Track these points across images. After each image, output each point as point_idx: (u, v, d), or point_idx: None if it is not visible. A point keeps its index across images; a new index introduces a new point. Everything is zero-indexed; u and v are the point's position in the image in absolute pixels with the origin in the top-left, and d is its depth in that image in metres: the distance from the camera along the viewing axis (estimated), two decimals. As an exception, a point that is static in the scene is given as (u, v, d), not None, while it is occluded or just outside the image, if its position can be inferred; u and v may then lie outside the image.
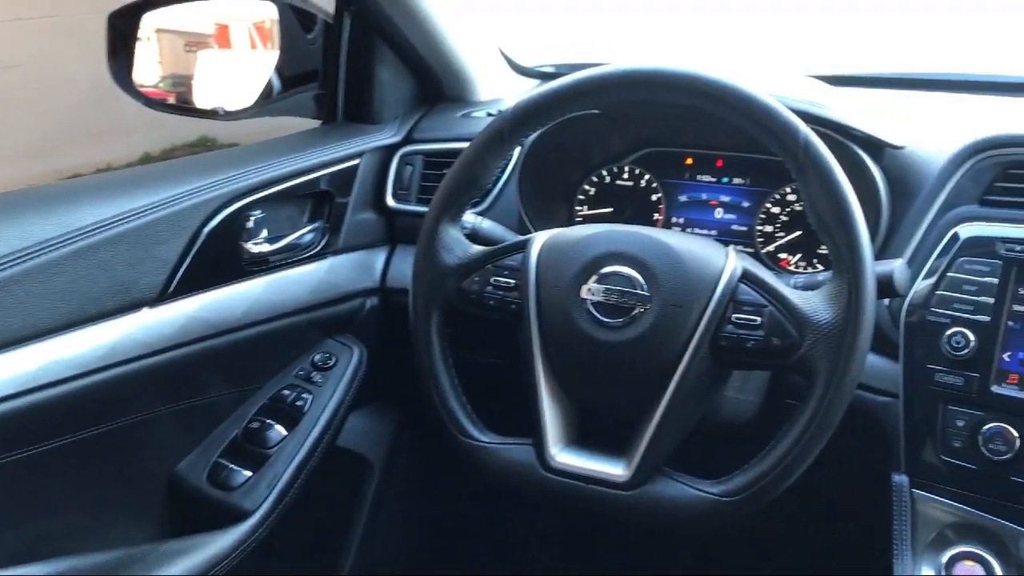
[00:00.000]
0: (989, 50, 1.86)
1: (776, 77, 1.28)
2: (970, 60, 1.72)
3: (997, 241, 1.11)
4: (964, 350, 1.09)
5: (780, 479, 0.94)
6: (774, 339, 0.96)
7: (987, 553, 1.10)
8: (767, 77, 1.19)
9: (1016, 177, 1.14)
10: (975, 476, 1.11)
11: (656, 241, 1.03)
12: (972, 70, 1.60)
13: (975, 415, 1.10)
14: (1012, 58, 1.74)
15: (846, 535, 1.39)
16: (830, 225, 0.95)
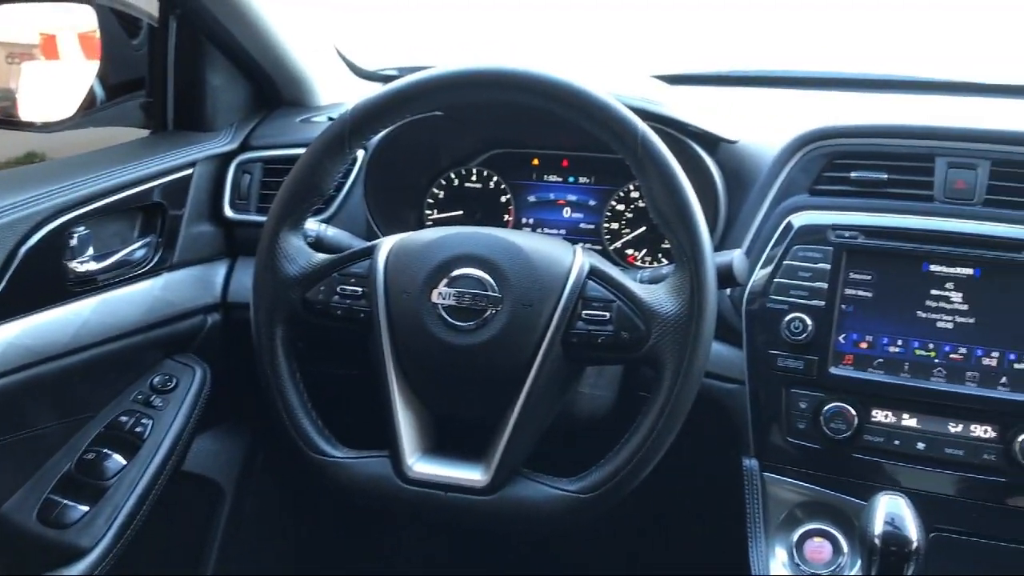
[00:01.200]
0: (820, 47, 1.96)
1: (615, 76, 1.29)
2: (802, 57, 1.81)
3: (828, 228, 1.16)
4: (802, 334, 1.14)
5: (636, 471, 0.95)
6: (623, 333, 0.96)
7: (834, 529, 1.15)
8: (606, 76, 1.20)
9: (843, 167, 1.20)
10: (819, 455, 1.15)
11: (505, 242, 1.02)
12: (803, 67, 1.68)
13: (816, 396, 1.14)
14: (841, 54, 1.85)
15: (702, 521, 1.43)
16: (670, 219, 0.96)
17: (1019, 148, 1.14)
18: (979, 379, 1.09)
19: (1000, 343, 1.09)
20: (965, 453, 1.09)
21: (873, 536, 0.95)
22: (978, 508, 1.11)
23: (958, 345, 1.10)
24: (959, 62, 1.64)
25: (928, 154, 1.17)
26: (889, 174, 1.17)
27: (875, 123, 1.21)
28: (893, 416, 1.12)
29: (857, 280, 1.14)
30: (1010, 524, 1.11)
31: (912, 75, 1.55)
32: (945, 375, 1.10)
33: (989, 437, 1.09)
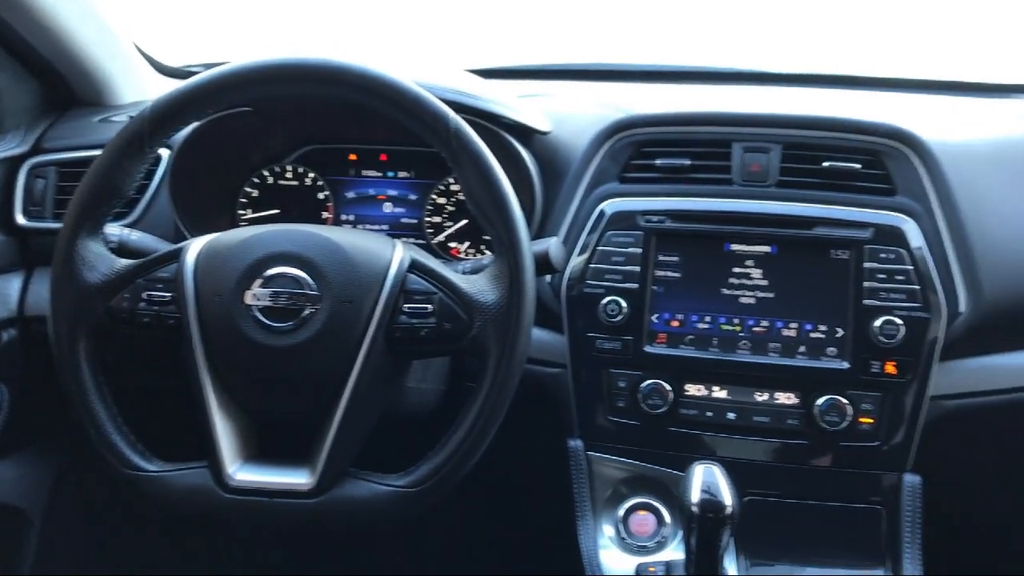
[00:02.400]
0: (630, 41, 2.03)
1: (428, 69, 1.29)
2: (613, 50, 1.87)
3: (637, 214, 1.20)
4: (618, 316, 1.18)
5: (464, 460, 0.96)
6: (446, 324, 0.96)
7: (656, 501, 1.20)
8: (419, 69, 1.20)
9: (649, 154, 1.25)
10: (639, 431, 1.20)
11: (321, 238, 1.00)
12: (614, 60, 1.74)
13: (634, 375, 1.19)
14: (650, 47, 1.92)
15: (534, 504, 1.46)
16: (487, 210, 0.97)
17: (807, 132, 1.23)
18: (781, 349, 1.17)
19: (798, 315, 1.17)
20: (771, 420, 1.17)
21: (690, 504, 1.00)
22: (786, 471, 1.19)
23: (760, 319, 1.17)
24: (755, 54, 1.75)
25: (725, 140, 1.23)
26: (691, 160, 1.23)
27: (675, 111, 1.27)
28: (705, 389, 1.18)
29: (666, 262, 1.20)
30: (814, 483, 1.20)
31: (712, 66, 1.64)
32: (750, 347, 1.17)
33: (792, 403, 1.17)
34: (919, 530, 1.15)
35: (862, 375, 1.14)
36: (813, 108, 1.27)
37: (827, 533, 1.19)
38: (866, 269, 1.15)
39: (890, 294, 1.14)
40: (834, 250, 1.16)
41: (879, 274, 1.14)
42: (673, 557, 1.14)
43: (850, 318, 1.15)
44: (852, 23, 1.96)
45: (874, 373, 1.14)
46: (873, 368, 1.14)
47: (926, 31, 1.93)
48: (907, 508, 1.16)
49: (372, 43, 2.12)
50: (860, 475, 1.18)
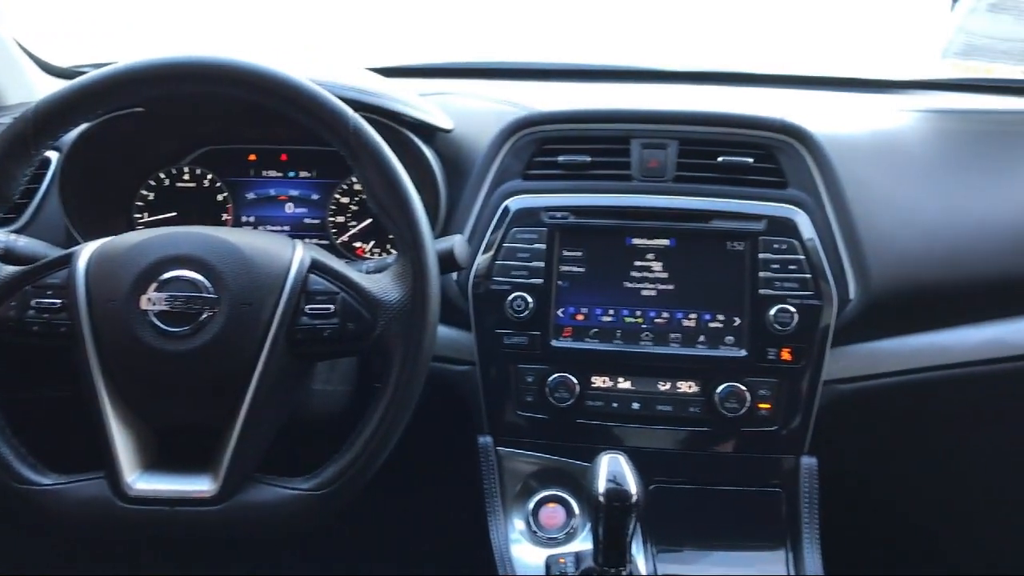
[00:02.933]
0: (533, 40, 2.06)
1: (327, 67, 1.28)
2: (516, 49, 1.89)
3: (541, 211, 1.22)
4: (525, 312, 1.19)
5: (371, 461, 0.95)
6: (349, 324, 0.96)
7: (566, 493, 1.22)
8: (316, 67, 1.19)
9: (551, 151, 1.26)
10: (547, 425, 1.21)
11: (218, 240, 0.98)
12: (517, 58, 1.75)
13: (541, 369, 1.20)
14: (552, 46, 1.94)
15: (445, 502, 1.46)
16: (389, 208, 0.97)
17: (702, 128, 1.26)
18: (681, 340, 1.20)
19: (696, 305, 1.20)
20: (674, 408, 1.20)
21: (597, 494, 1.01)
22: (690, 457, 1.22)
23: (661, 310, 1.20)
24: (652, 52, 1.79)
25: (624, 136, 1.26)
26: (592, 156, 1.25)
27: (576, 109, 1.29)
28: (610, 381, 1.21)
29: (570, 257, 1.21)
30: (717, 469, 1.23)
31: (612, 64, 1.67)
32: (652, 338, 1.20)
33: (693, 392, 1.20)
34: (816, 510, 1.19)
35: (759, 362, 1.18)
36: (708, 105, 1.31)
37: (730, 517, 1.22)
38: (761, 260, 1.19)
39: (784, 283, 1.18)
40: (730, 242, 1.20)
41: (773, 264, 1.18)
42: (582, 548, 1.16)
43: (747, 307, 1.18)
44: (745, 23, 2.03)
45: (770, 360, 1.18)
46: (769, 355, 1.18)
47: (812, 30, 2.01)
48: (805, 489, 1.20)
49: (271, 43, 2.09)
50: (760, 459, 1.22)
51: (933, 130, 1.43)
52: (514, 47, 1.95)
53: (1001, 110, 1.55)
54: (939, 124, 1.44)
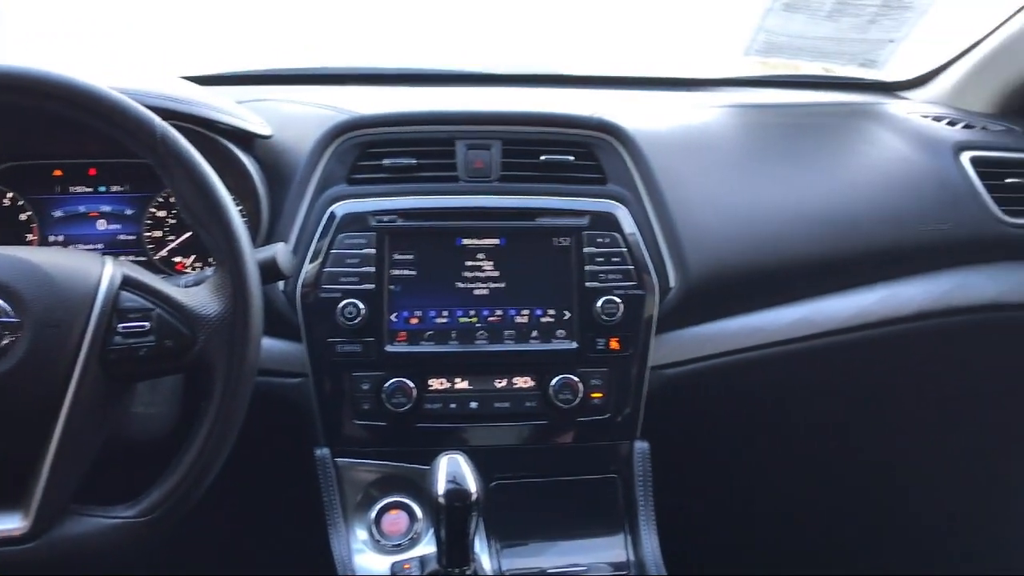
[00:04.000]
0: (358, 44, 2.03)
1: (134, 76, 1.22)
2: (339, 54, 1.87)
3: (368, 215, 1.21)
4: (357, 319, 1.17)
5: (197, 483, 0.91)
6: (167, 341, 0.91)
7: (407, 499, 1.21)
8: (121, 75, 1.13)
9: (375, 155, 1.25)
10: (386, 431, 1.20)
11: (17, 260, 0.92)
12: (339, 63, 1.73)
13: (377, 376, 1.19)
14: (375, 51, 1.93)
15: (287, 517, 1.42)
16: (202, 218, 0.93)
17: (524, 128, 1.28)
18: (515, 336, 1.21)
19: (528, 302, 1.22)
20: (511, 405, 1.21)
21: (437, 496, 1.01)
22: (530, 451, 1.24)
23: (495, 308, 1.21)
24: (471, 56, 1.80)
25: (449, 138, 1.26)
26: (417, 159, 1.25)
27: (399, 112, 1.28)
28: (447, 382, 1.21)
29: (401, 261, 1.21)
30: (557, 460, 1.26)
31: (433, 68, 1.67)
32: (487, 337, 1.21)
33: (529, 387, 1.22)
34: (651, 493, 1.24)
35: (590, 353, 1.21)
36: (529, 105, 1.34)
37: (571, 506, 1.25)
38: (586, 254, 1.22)
39: (608, 275, 1.22)
40: (556, 238, 1.23)
41: (597, 258, 1.22)
42: (426, 552, 1.15)
43: (575, 301, 1.21)
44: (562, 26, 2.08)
45: (600, 350, 1.21)
46: (599, 345, 1.21)
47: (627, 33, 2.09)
48: (639, 473, 1.24)
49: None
50: (596, 447, 1.25)
51: (740, 124, 1.51)
52: (332, 53, 1.93)
53: (802, 103, 1.65)
54: (746, 118, 1.53)
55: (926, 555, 1.70)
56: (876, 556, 1.69)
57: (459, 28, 2.12)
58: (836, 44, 1.57)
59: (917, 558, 1.70)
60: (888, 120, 1.54)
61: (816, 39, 1.56)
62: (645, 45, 2.08)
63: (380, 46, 2.05)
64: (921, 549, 1.70)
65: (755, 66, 1.74)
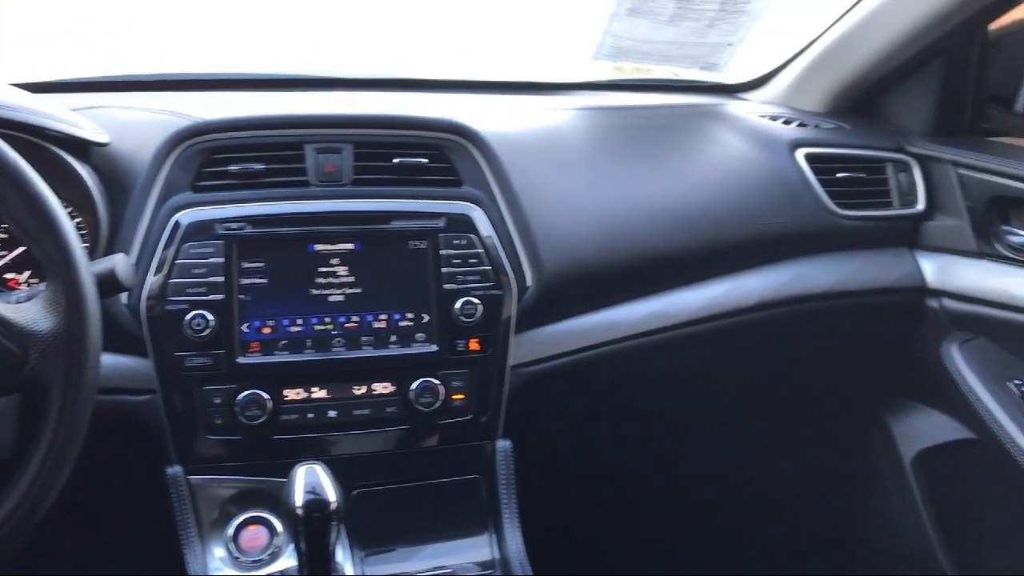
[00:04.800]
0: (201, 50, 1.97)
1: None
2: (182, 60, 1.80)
3: (215, 223, 1.17)
4: (206, 331, 1.13)
5: (35, 507, 0.85)
6: None
7: (266, 513, 1.18)
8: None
9: (221, 161, 1.22)
10: (241, 445, 1.17)
11: None
12: (181, 70, 1.66)
13: (229, 389, 1.15)
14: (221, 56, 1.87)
15: (141, 539, 1.36)
16: (32, 229, 0.88)
17: (375, 131, 1.27)
18: (373, 342, 1.20)
19: (386, 306, 1.21)
20: (371, 411, 1.20)
21: (295, 507, 0.99)
22: (393, 457, 1.23)
23: (351, 314, 1.20)
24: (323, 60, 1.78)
25: (297, 142, 1.24)
26: (265, 164, 1.22)
27: (244, 116, 1.25)
28: (304, 392, 1.18)
29: (251, 269, 1.17)
30: (420, 465, 1.25)
31: (279, 73, 1.64)
32: (344, 344, 1.19)
33: (389, 392, 1.20)
34: (514, 491, 1.25)
35: (450, 355, 1.21)
36: (380, 108, 1.33)
37: (436, 510, 1.25)
38: (443, 256, 1.22)
39: (466, 277, 1.22)
40: (412, 241, 1.22)
41: (454, 260, 1.22)
42: (287, 566, 1.13)
43: (433, 303, 1.21)
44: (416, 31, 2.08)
45: (460, 352, 1.21)
46: (459, 347, 1.21)
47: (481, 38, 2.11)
48: (502, 472, 1.25)
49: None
50: (459, 449, 1.25)
51: (592, 126, 1.55)
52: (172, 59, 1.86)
53: (650, 106, 1.71)
54: (597, 120, 1.57)
55: (784, 541, 1.78)
56: (737, 545, 1.76)
57: (310, 32, 2.08)
58: (679, 48, 1.63)
59: (777, 545, 1.78)
60: (729, 120, 1.61)
61: (660, 43, 1.62)
62: (499, 50, 2.11)
63: (227, 51, 2.00)
64: (781, 535, 1.78)
65: (609, 70, 1.79)
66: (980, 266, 1.44)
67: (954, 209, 1.48)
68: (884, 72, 1.54)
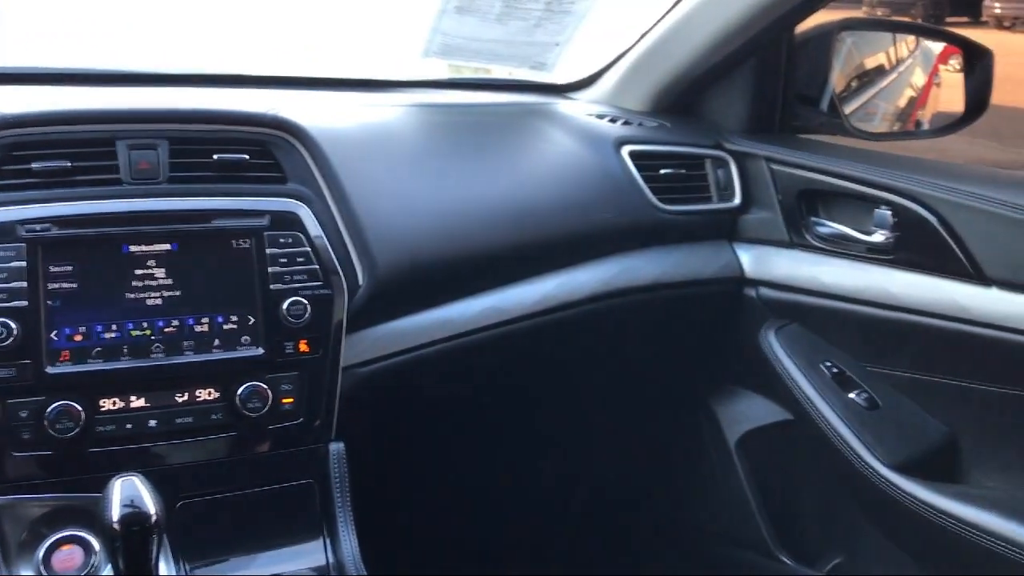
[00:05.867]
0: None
1: None
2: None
3: (16, 224, 1.09)
4: (8, 340, 1.05)
5: None
6: None
7: (82, 531, 1.11)
8: None
9: (22, 158, 1.14)
10: (52, 461, 1.09)
11: None
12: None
13: (37, 401, 1.07)
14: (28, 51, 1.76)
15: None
16: None
17: (192, 126, 1.22)
18: (195, 346, 1.15)
19: (208, 309, 1.16)
20: (195, 419, 1.15)
21: (111, 523, 0.93)
22: (220, 466, 1.18)
23: (171, 319, 1.14)
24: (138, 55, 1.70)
25: (109, 138, 1.17)
26: (72, 161, 1.15)
27: (45, 111, 1.17)
28: (121, 401, 1.11)
29: (59, 273, 1.10)
30: (250, 472, 1.21)
31: (88, 67, 1.55)
32: (164, 350, 1.13)
33: (214, 398, 1.15)
34: (348, 494, 1.22)
35: (278, 358, 1.17)
36: (197, 103, 1.27)
37: (268, 518, 1.21)
38: (268, 255, 1.18)
39: (294, 276, 1.19)
40: (235, 240, 1.18)
41: (281, 259, 1.18)
42: (106, 584, 1.06)
43: (259, 305, 1.17)
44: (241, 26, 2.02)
45: (288, 354, 1.18)
46: (287, 349, 1.18)
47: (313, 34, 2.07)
48: (335, 475, 1.22)
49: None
50: (290, 454, 1.21)
51: (424, 123, 1.55)
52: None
53: (481, 104, 1.73)
54: (429, 117, 1.57)
55: (618, 529, 1.83)
56: (574, 537, 1.79)
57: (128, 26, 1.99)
58: (508, 47, 1.65)
59: (611, 534, 1.83)
60: (558, 119, 1.64)
61: (489, 42, 1.63)
62: (330, 46, 2.07)
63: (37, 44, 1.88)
64: (615, 524, 1.83)
65: (446, 69, 1.80)
66: (792, 256, 1.53)
67: (768, 202, 1.56)
68: (701, 72, 1.61)
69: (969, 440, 1.43)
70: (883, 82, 1.81)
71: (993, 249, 1.31)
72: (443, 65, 1.76)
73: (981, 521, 1.26)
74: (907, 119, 1.85)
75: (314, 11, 2.18)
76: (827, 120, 1.62)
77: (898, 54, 1.83)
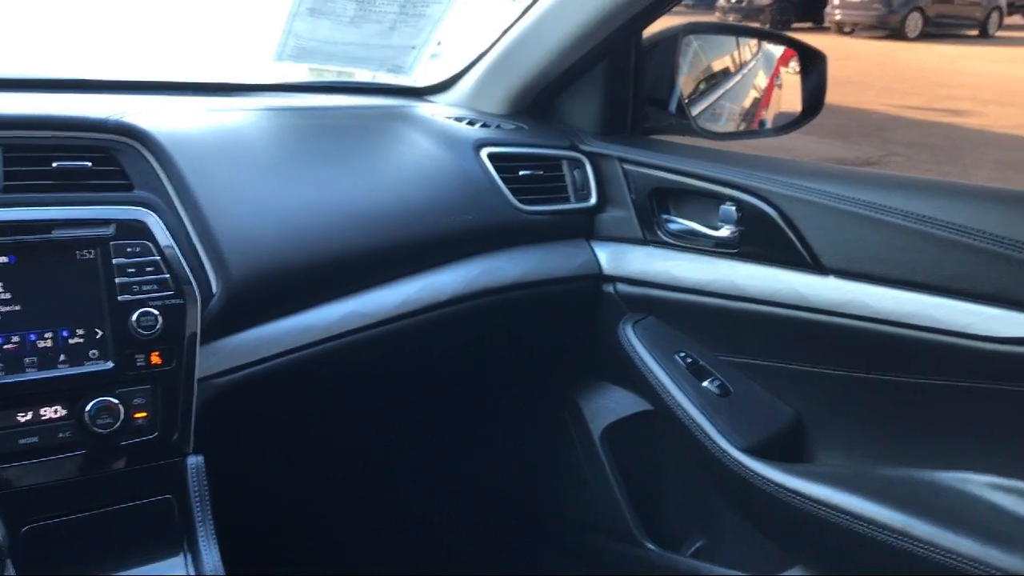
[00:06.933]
0: None
1: None
2: None
3: None
4: None
5: None
6: None
7: None
8: None
9: None
10: None
11: None
12: None
13: None
14: None
15: None
16: None
17: (27, 132, 1.17)
18: (38, 363, 1.09)
19: (52, 323, 1.11)
20: (40, 439, 1.09)
21: None
22: (70, 486, 1.13)
23: (10, 335, 1.08)
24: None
25: None
26: None
27: None
28: None
29: None
30: (103, 491, 1.16)
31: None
32: (3, 367, 1.08)
33: (60, 416, 1.10)
34: (208, 507, 1.19)
35: (129, 371, 1.13)
36: (33, 109, 1.22)
37: (126, 537, 1.16)
38: (115, 265, 1.14)
39: (143, 287, 1.15)
40: (79, 251, 1.13)
41: (129, 269, 1.14)
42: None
43: (107, 317, 1.13)
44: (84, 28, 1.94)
45: (140, 367, 1.14)
46: (138, 362, 1.14)
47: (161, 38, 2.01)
48: (194, 489, 1.19)
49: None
50: (146, 470, 1.17)
51: (279, 127, 1.52)
52: None
53: (338, 107, 1.71)
54: (284, 121, 1.55)
55: (487, 526, 1.85)
56: (445, 535, 1.80)
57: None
58: (364, 50, 1.64)
59: (482, 531, 1.84)
60: (417, 122, 1.65)
61: (344, 44, 1.62)
62: (181, 49, 2.01)
63: None
64: (485, 521, 1.85)
65: (305, 72, 1.77)
66: (646, 252, 1.59)
67: (622, 201, 1.62)
68: (555, 76, 1.65)
69: (814, 421, 1.52)
70: (728, 84, 1.90)
71: (829, 240, 1.39)
72: (303, 68, 1.74)
73: (827, 497, 1.34)
74: (751, 119, 1.94)
75: (165, 13, 2.11)
76: (676, 121, 1.69)
77: (742, 57, 1.92)
